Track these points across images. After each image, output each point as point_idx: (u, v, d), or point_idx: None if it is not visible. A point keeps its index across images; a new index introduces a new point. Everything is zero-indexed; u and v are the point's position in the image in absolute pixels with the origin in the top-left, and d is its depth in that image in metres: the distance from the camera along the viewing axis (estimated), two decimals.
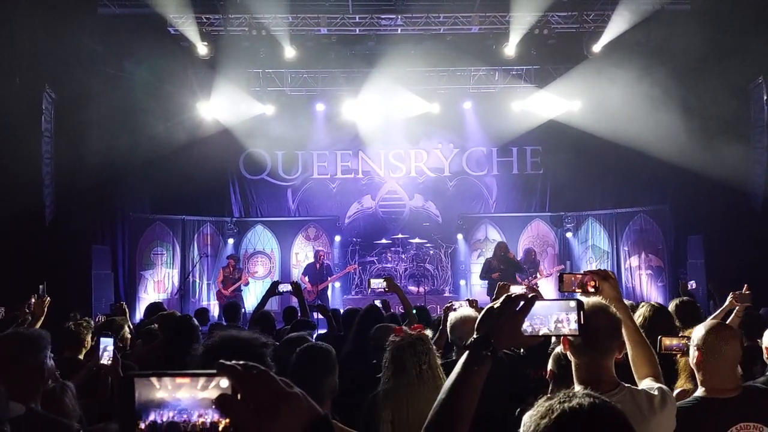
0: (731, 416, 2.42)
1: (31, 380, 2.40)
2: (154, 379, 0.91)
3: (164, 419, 0.91)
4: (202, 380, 0.91)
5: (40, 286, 4.52)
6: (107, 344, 3.16)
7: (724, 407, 2.44)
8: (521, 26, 11.21)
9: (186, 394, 0.91)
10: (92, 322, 4.82)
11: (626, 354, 2.32)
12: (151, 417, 0.91)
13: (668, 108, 10.41)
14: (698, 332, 2.54)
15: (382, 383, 2.81)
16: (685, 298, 4.28)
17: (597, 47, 11.42)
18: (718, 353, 2.46)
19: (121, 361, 3.41)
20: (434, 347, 2.86)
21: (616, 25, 11.16)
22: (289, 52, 11.54)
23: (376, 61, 12.14)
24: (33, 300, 4.47)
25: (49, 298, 4.47)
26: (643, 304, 3.62)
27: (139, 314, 10.89)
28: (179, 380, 0.91)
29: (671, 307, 4.11)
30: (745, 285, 4.64)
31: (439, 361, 2.82)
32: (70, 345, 4.41)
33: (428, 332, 2.97)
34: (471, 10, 11.27)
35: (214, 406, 0.88)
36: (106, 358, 3.14)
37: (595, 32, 11.40)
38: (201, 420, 0.90)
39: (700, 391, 2.52)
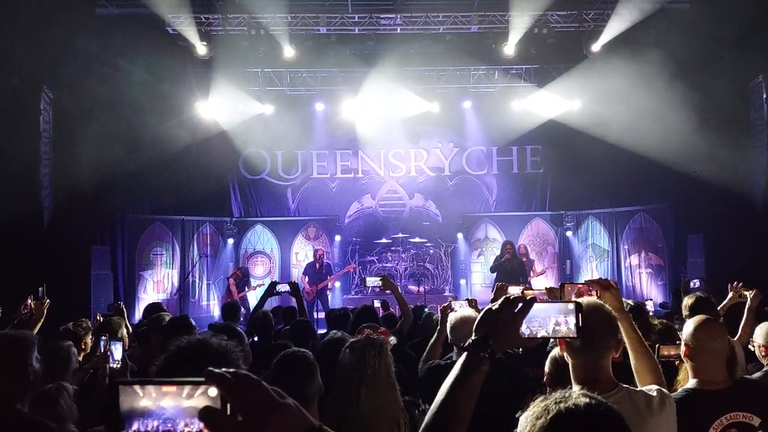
0: (722, 406, 2.48)
1: (17, 382, 2.38)
2: (138, 387, 0.88)
3: (149, 428, 0.88)
4: (188, 388, 0.87)
5: (40, 288, 4.49)
6: (116, 348, 3.14)
7: (714, 398, 2.49)
8: (520, 25, 11.20)
9: (171, 402, 0.87)
10: (89, 323, 4.80)
11: (625, 355, 2.32)
12: (135, 426, 0.88)
13: (668, 107, 10.39)
14: (687, 328, 2.62)
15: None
16: (701, 294, 4.28)
17: (596, 46, 11.40)
18: (705, 347, 2.53)
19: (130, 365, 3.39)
20: (388, 353, 2.70)
21: (616, 24, 11.14)
22: (288, 51, 11.53)
23: (375, 60, 12.13)
24: (29, 301, 4.45)
25: (48, 300, 4.45)
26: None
27: (139, 314, 10.88)
28: (165, 388, 0.88)
29: (686, 302, 4.12)
30: (738, 283, 4.66)
31: (392, 368, 2.68)
32: None
33: (392, 339, 2.94)
34: (470, 10, 11.25)
35: (198, 418, 0.84)
36: (115, 362, 3.12)
37: (595, 31, 11.39)
38: (187, 429, 0.87)
39: (691, 383, 2.58)
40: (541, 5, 10.93)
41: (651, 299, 6.99)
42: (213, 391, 0.85)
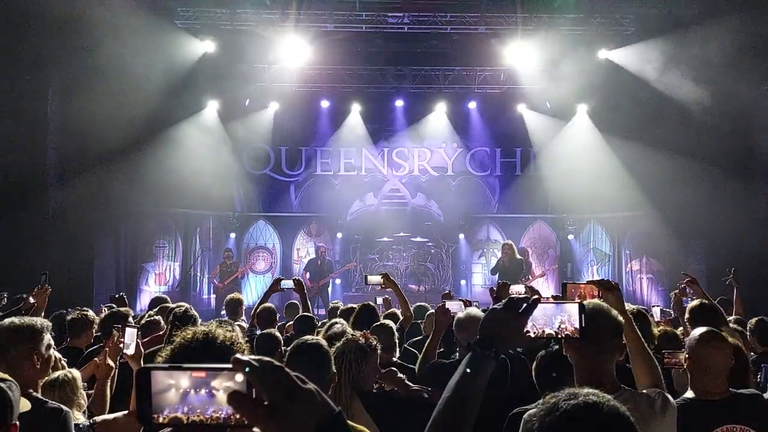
0: (718, 418, 2.49)
1: (28, 368, 2.43)
2: (169, 373, 0.92)
3: (179, 413, 0.92)
4: (215, 375, 0.91)
5: (42, 276, 4.52)
6: (132, 334, 3.17)
7: (711, 409, 2.51)
8: (528, 27, 11.20)
9: (201, 388, 0.91)
10: (93, 314, 4.83)
11: (627, 358, 2.34)
12: (166, 411, 0.92)
13: (673, 112, 10.41)
14: (691, 339, 2.65)
15: None
16: (705, 300, 4.31)
17: (604, 50, 11.40)
18: (707, 360, 2.54)
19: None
20: (357, 357, 2.88)
21: (623, 29, 11.16)
22: (295, 48, 11.53)
23: (382, 58, 12.12)
24: (37, 288, 4.48)
25: (50, 288, 4.47)
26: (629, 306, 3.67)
27: (140, 306, 10.93)
28: (195, 374, 0.92)
29: (690, 306, 4.17)
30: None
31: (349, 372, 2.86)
32: (73, 335, 4.44)
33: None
34: (478, 10, 11.25)
35: (227, 402, 0.88)
36: (131, 349, 3.15)
37: (603, 35, 11.39)
38: (216, 415, 0.91)
39: (689, 393, 2.59)
40: (549, 7, 10.94)
41: (659, 305, 6.99)
42: (239, 377, 0.89)
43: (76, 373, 2.84)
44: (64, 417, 2.37)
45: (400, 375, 3.17)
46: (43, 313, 4.36)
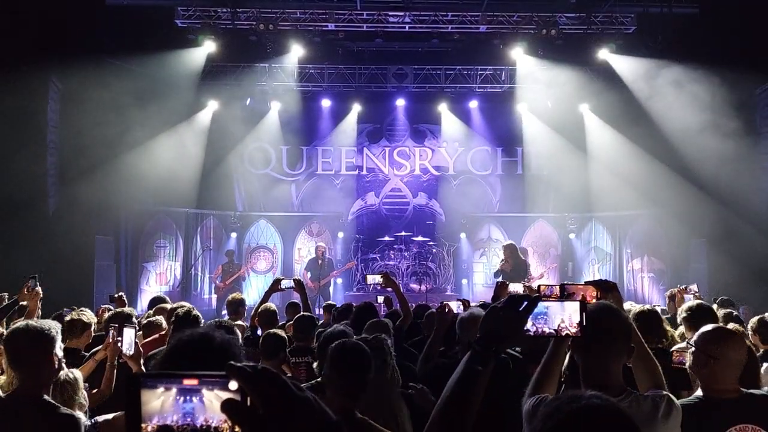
0: (730, 417, 2.43)
1: (44, 372, 2.42)
2: (160, 380, 0.89)
3: (169, 421, 0.88)
4: (209, 382, 0.88)
5: (31, 279, 4.34)
6: (130, 334, 3.15)
7: (723, 408, 2.44)
8: (528, 26, 11.19)
9: (193, 395, 0.88)
10: (91, 314, 4.81)
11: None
12: (155, 419, 0.88)
13: (674, 111, 10.39)
14: (704, 336, 2.55)
15: None
16: (703, 302, 4.29)
17: (604, 49, 11.38)
18: (723, 357, 2.45)
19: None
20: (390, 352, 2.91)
21: (624, 28, 11.14)
22: (296, 47, 11.53)
23: (382, 57, 12.10)
24: (29, 283, 4.40)
25: (41, 292, 4.36)
26: (632, 305, 3.66)
27: (141, 306, 10.92)
28: (187, 381, 0.88)
29: (685, 306, 4.13)
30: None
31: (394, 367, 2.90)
32: (72, 336, 4.42)
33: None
34: (479, 10, 11.22)
35: (220, 410, 0.84)
36: (128, 348, 3.13)
37: (603, 34, 11.36)
38: (206, 423, 0.88)
39: (700, 392, 2.53)
40: (550, 7, 10.92)
41: (659, 305, 6.96)
42: (233, 385, 0.86)
43: (77, 374, 2.83)
44: (76, 424, 2.37)
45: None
46: (35, 317, 4.32)
